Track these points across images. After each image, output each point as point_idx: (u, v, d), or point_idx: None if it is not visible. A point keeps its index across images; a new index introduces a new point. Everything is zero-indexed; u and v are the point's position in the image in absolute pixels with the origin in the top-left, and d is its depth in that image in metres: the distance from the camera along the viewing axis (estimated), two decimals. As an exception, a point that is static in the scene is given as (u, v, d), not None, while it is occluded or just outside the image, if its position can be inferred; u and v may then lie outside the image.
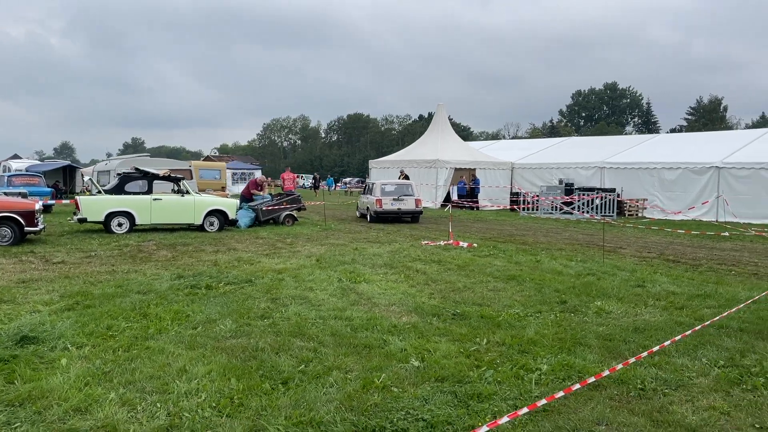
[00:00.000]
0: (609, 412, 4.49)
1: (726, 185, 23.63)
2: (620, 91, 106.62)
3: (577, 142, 35.18)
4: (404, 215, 20.53)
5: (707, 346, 6.10)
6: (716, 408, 4.61)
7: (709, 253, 13.61)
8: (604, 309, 7.70)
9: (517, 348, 6.00)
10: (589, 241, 15.63)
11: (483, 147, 36.94)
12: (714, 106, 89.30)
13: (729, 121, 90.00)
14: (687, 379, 5.23)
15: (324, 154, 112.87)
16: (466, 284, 9.22)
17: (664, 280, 9.79)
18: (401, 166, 29.44)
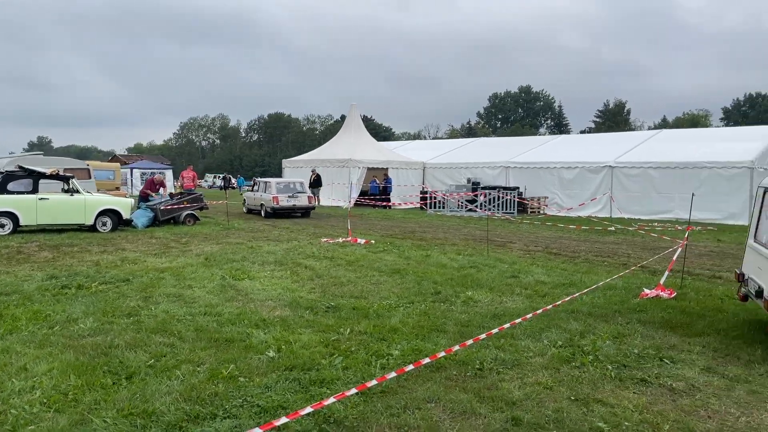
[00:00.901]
0: (442, 391, 4.78)
1: (618, 183, 25.15)
2: (534, 94, 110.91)
3: (485, 143, 36.40)
4: (298, 210, 22.32)
5: (553, 329, 6.56)
6: (541, 383, 4.99)
7: (591, 246, 14.49)
8: (472, 298, 8.09)
9: (377, 336, 6.23)
10: (484, 237, 16.24)
11: (397, 147, 37.51)
12: (618, 110, 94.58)
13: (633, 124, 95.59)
14: (524, 358, 5.62)
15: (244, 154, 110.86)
16: (350, 279, 9.42)
17: (538, 271, 10.37)
18: (314, 165, 29.46)
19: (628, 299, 8.11)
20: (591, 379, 5.14)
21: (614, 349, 5.90)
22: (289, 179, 24.74)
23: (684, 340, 6.33)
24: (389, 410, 4.41)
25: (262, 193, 22.78)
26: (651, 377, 5.24)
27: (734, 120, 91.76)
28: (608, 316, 7.18)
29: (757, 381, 5.23)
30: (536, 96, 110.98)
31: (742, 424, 4.40)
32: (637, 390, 4.98)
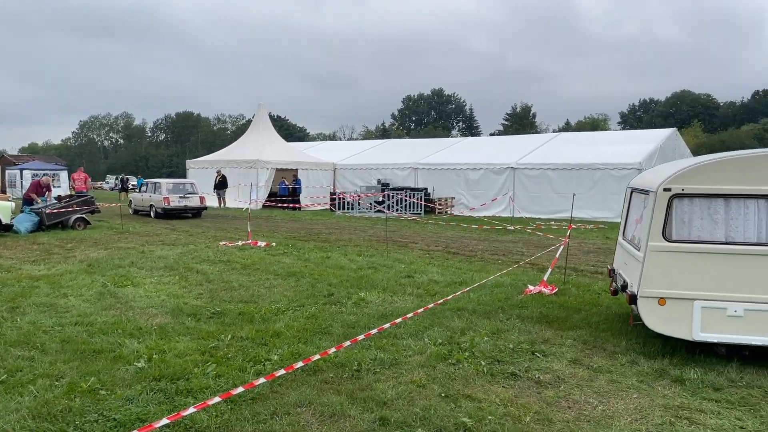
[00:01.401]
0: (315, 394, 4.73)
1: (520, 184, 26.15)
2: (446, 97, 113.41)
3: (396, 144, 36.81)
4: (190, 211, 22.33)
5: (436, 327, 6.68)
6: (415, 382, 5.06)
7: (489, 245, 14.95)
8: (364, 299, 8.11)
9: (259, 341, 6.10)
10: (388, 237, 16.38)
11: (308, 148, 37.20)
12: (525, 113, 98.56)
13: (539, 127, 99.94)
14: (403, 358, 5.68)
15: (150, 154, 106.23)
16: (243, 283, 9.19)
17: (434, 270, 10.56)
18: (220, 166, 28.66)
19: (512, 296, 8.40)
20: (464, 376, 5.26)
21: (491, 345, 6.08)
22: (179, 180, 25.14)
23: (558, 333, 6.63)
24: (256, 417, 4.31)
25: (151, 194, 22.73)
26: (521, 371, 5.44)
27: (630, 124, 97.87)
28: (491, 313, 7.40)
29: (618, 371, 5.54)
30: (448, 99, 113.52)
31: (598, 412, 4.64)
32: (507, 384, 5.15)
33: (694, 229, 5.76)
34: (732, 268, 5.60)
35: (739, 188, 5.61)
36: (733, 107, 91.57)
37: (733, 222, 5.67)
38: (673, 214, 5.78)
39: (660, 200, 5.80)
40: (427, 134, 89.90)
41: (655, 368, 5.59)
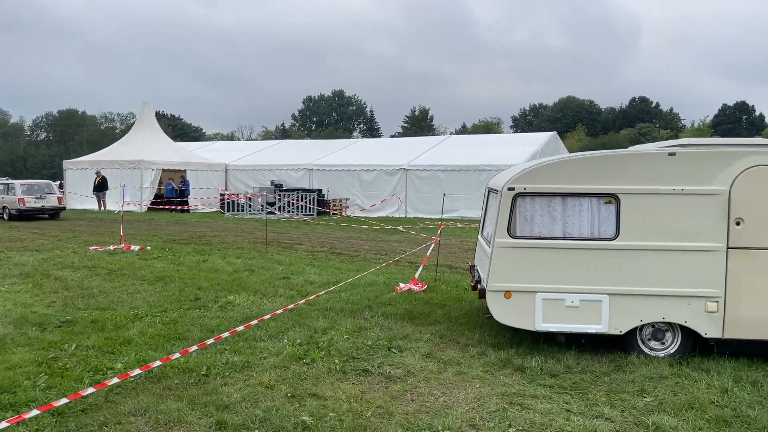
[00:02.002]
0: (154, 402, 4.56)
1: (412, 185, 26.73)
2: (347, 98, 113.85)
3: (291, 145, 36.48)
4: (47, 212, 22.09)
5: (298, 328, 6.67)
6: (263, 384, 5.01)
7: (375, 245, 15.15)
8: (231, 303, 7.95)
9: (106, 350, 5.81)
10: (274, 239, 16.19)
11: (199, 148, 36.01)
12: (423, 116, 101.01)
13: (437, 129, 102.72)
14: (257, 360, 5.61)
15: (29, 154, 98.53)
16: (105, 289, 8.73)
17: (312, 271, 10.54)
18: (100, 167, 27.09)
19: (383, 294, 8.55)
20: (315, 375, 5.28)
21: (349, 343, 6.15)
22: (35, 180, 25.03)
23: (418, 329, 6.82)
24: (83, 429, 4.09)
25: (3, 195, 22.34)
26: (374, 367, 5.54)
27: (521, 127, 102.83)
28: (357, 312, 7.49)
29: (467, 362, 5.78)
30: (349, 100, 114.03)
31: (440, 403, 4.82)
32: (357, 381, 5.22)
33: (536, 225, 6.12)
34: (569, 261, 6.01)
35: (574, 187, 6.03)
36: (613, 113, 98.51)
37: (570, 219, 6.08)
38: (516, 212, 6.12)
39: (505, 199, 6.12)
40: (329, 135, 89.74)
41: (501, 358, 5.88)
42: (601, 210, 6.04)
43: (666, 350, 6.05)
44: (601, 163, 6.06)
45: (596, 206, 6.05)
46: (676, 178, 5.90)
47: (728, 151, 5.89)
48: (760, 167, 5.78)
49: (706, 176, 5.86)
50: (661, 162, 5.94)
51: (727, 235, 5.81)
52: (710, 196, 5.84)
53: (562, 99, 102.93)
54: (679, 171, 5.90)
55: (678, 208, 5.89)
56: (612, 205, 6.00)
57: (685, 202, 5.88)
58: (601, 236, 6.03)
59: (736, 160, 5.82)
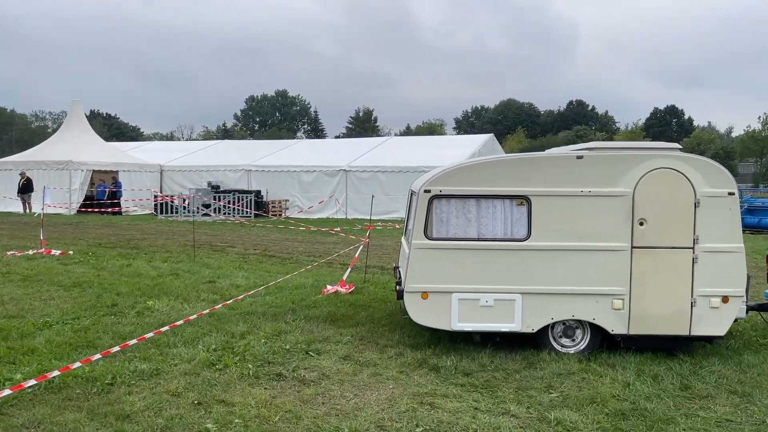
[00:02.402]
0: (50, 413, 4.39)
1: (352, 186, 26.72)
2: (291, 98, 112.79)
3: (229, 145, 35.82)
4: None
5: (215, 333, 6.55)
6: (170, 391, 4.89)
7: (310, 247, 15.05)
8: (150, 308, 7.73)
9: (7, 360, 5.55)
10: (208, 242, 15.87)
11: (133, 148, 34.86)
12: (367, 117, 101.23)
13: (381, 131, 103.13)
14: (168, 367, 5.48)
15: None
16: (16, 296, 8.33)
17: (240, 274, 10.37)
18: (25, 168, 25.86)
19: (309, 297, 8.50)
20: (227, 381, 5.19)
21: (266, 348, 6.08)
22: None
23: (339, 331, 6.81)
24: (-32, 446, 3.89)
25: None
26: (288, 371, 5.50)
27: (464, 129, 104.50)
28: (279, 315, 7.42)
29: (383, 364, 5.81)
30: (293, 101, 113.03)
31: (350, 405, 4.82)
32: (269, 385, 5.17)
33: (452, 227, 6.22)
34: (483, 262, 6.14)
35: (488, 189, 6.16)
36: (551, 115, 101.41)
37: (484, 220, 6.21)
38: (433, 213, 6.20)
39: (421, 201, 6.19)
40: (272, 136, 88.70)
41: (417, 358, 5.94)
42: (514, 211, 6.20)
43: (576, 347, 6.26)
44: (513, 166, 6.21)
45: (509, 208, 6.20)
46: (583, 180, 6.11)
47: (632, 155, 6.15)
48: (662, 170, 6.05)
49: (612, 179, 6.09)
50: (569, 165, 6.15)
51: (631, 235, 6.07)
52: (615, 197, 6.08)
53: (503, 101, 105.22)
54: (586, 173, 6.11)
55: (586, 209, 6.11)
56: (524, 206, 6.16)
57: (593, 203, 6.10)
58: (513, 237, 6.18)
59: (639, 163, 6.08)
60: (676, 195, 6.04)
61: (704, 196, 6.02)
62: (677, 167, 6.05)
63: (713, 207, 6.03)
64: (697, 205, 6.01)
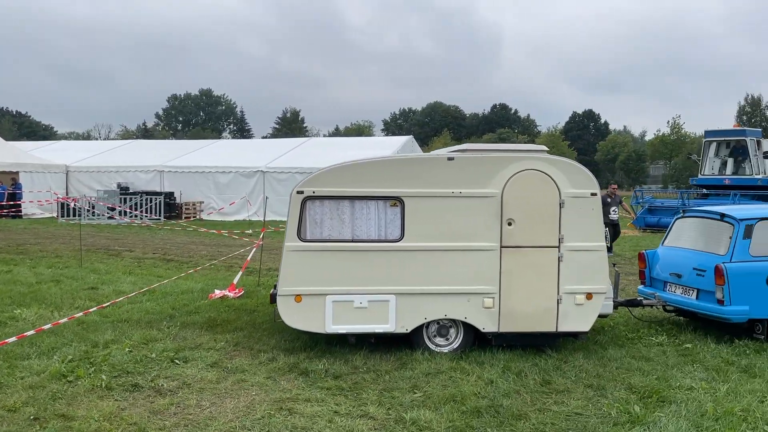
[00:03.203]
0: None
1: (270, 187, 26.30)
2: (215, 98, 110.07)
3: (140, 145, 34.53)
4: None
5: (77, 342, 6.21)
6: (7, 407, 4.60)
7: (213, 250, 14.68)
8: (16, 317, 7.28)
9: None
10: (106, 246, 15.17)
11: (36, 148, 32.92)
12: (294, 117, 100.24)
13: (310, 131, 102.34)
14: (13, 380, 5.16)
15: None
16: None
17: (128, 279, 9.96)
18: None
19: (194, 302, 8.24)
20: (74, 394, 4.91)
21: (129, 357, 5.81)
22: None
23: (214, 337, 6.61)
24: None
25: None
26: (146, 381, 5.26)
27: (392, 131, 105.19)
28: (155, 322, 7.13)
29: (252, 370, 5.67)
30: (217, 100, 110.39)
31: (204, 415, 4.66)
32: (121, 397, 4.93)
33: (325, 228, 6.16)
34: (357, 263, 6.11)
35: (361, 190, 6.14)
36: (476, 118, 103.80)
37: (358, 221, 6.19)
38: (306, 215, 6.12)
39: (294, 202, 6.10)
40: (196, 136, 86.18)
41: (289, 363, 5.84)
42: (387, 212, 6.21)
43: (450, 346, 6.34)
44: (386, 167, 6.22)
45: (383, 209, 6.20)
46: (455, 181, 6.19)
47: (501, 156, 6.29)
48: (529, 171, 6.22)
49: (482, 180, 6.21)
50: (441, 166, 6.22)
51: (500, 235, 6.20)
52: (485, 198, 6.20)
53: (430, 104, 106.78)
54: (457, 175, 6.20)
55: (457, 210, 6.19)
56: (397, 207, 6.18)
57: (464, 204, 6.20)
58: (387, 238, 6.19)
59: (507, 164, 6.23)
60: (542, 196, 6.22)
61: (568, 197, 6.23)
62: (543, 169, 6.23)
63: (577, 207, 6.26)
64: (562, 205, 6.22)
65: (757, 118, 64.06)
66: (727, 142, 22.60)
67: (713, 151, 22.96)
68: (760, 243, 6.78)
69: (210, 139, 65.73)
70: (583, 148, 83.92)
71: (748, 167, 21.66)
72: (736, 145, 22.17)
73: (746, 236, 6.76)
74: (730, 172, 22.30)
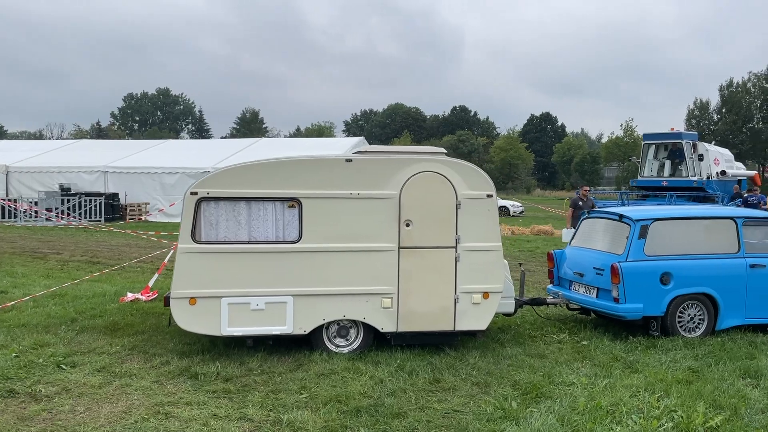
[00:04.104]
0: None
1: (218, 188, 25.96)
2: (173, 97, 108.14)
3: (85, 145, 33.68)
4: None
5: (-37, 349, 6.02)
6: None
7: (145, 252, 14.39)
8: None
9: None
10: (34, 248, 14.75)
11: (-24, 147, 31.87)
12: (253, 118, 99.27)
13: (270, 132, 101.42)
14: None
15: None
16: None
17: (44, 283, 9.70)
18: None
19: (104, 305, 8.08)
20: (-61, 402, 4.77)
21: (13, 362, 5.67)
22: None
23: (111, 341, 6.49)
24: None
25: None
26: (24, 387, 5.14)
27: (353, 132, 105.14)
28: (54, 326, 6.98)
29: (141, 374, 5.59)
30: (175, 99, 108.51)
31: (76, 420, 4.59)
32: (-9, 403, 4.80)
33: (221, 230, 6.12)
34: (254, 265, 6.08)
35: (258, 192, 6.13)
36: (437, 120, 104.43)
37: (255, 223, 6.17)
38: (201, 216, 6.06)
39: (188, 203, 6.04)
40: (152, 136, 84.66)
41: (181, 367, 5.78)
42: (285, 214, 6.21)
43: (350, 346, 6.37)
44: (283, 168, 6.22)
45: (280, 210, 6.20)
46: (353, 183, 6.23)
47: (398, 159, 6.36)
48: (426, 173, 6.30)
49: (380, 181, 6.26)
50: (338, 168, 6.25)
51: (398, 236, 6.27)
52: (383, 200, 6.25)
53: (391, 105, 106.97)
54: (355, 176, 6.24)
55: (355, 211, 6.23)
56: (295, 209, 6.18)
57: (362, 205, 6.24)
58: (285, 239, 6.19)
59: (405, 166, 6.30)
60: (439, 197, 6.31)
61: (465, 198, 6.34)
62: (440, 171, 6.32)
63: (473, 208, 6.37)
64: (459, 206, 6.32)
65: (705, 121, 66.12)
66: (665, 145, 23.28)
67: (652, 153, 23.63)
68: (655, 243, 7.02)
69: (167, 139, 64.65)
70: (540, 150, 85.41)
71: (684, 169, 22.35)
72: (672, 147, 22.86)
73: (641, 236, 6.98)
74: (667, 174, 22.98)
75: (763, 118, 62.40)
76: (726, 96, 63.40)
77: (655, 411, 4.73)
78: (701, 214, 7.55)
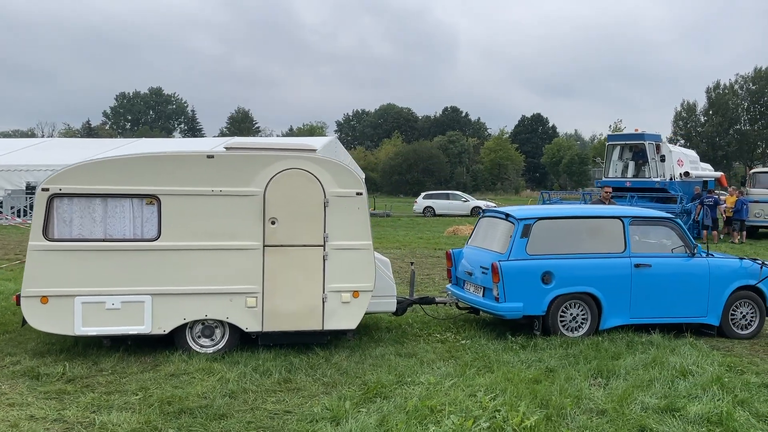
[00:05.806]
0: None
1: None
2: (165, 96, 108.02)
3: (60, 143, 33.71)
4: None
5: None
6: None
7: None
8: None
9: None
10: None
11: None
12: (243, 117, 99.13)
13: (263, 132, 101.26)
14: None
15: None
16: None
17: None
18: None
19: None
20: None
21: None
22: None
23: (-24, 341, 6.36)
24: None
25: None
26: None
27: (344, 132, 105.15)
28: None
29: None
30: (168, 99, 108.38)
31: None
32: None
33: (75, 227, 5.98)
34: (110, 263, 5.95)
35: (114, 188, 5.99)
36: (428, 120, 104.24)
37: (111, 220, 6.03)
38: (54, 213, 5.93)
39: (39, 200, 5.91)
40: (144, 135, 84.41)
41: (29, 366, 5.67)
42: (144, 211, 6.07)
43: (215, 346, 6.24)
44: (141, 164, 6.09)
45: (138, 207, 6.06)
46: (215, 179, 6.10)
47: (263, 155, 6.23)
48: (293, 170, 6.18)
49: (244, 178, 6.13)
50: (199, 164, 6.12)
51: (263, 234, 6.14)
52: (247, 197, 6.12)
53: (383, 106, 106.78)
54: (217, 173, 6.11)
55: (218, 208, 6.10)
56: (154, 206, 6.05)
57: (225, 202, 6.11)
58: (143, 237, 6.05)
59: (270, 163, 6.17)
60: (307, 195, 6.19)
61: (333, 196, 6.21)
62: (308, 168, 6.20)
63: (342, 206, 6.25)
64: (327, 204, 6.20)
65: (692, 123, 66.04)
66: (629, 146, 23.16)
67: (617, 154, 23.50)
68: (538, 242, 6.90)
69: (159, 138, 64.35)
70: (531, 151, 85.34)
71: (647, 170, 22.22)
72: (636, 149, 22.73)
73: (524, 235, 6.86)
74: (631, 174, 22.85)
75: (750, 120, 62.31)
76: (713, 98, 63.28)
77: (479, 411, 4.61)
78: (588, 213, 7.44)
